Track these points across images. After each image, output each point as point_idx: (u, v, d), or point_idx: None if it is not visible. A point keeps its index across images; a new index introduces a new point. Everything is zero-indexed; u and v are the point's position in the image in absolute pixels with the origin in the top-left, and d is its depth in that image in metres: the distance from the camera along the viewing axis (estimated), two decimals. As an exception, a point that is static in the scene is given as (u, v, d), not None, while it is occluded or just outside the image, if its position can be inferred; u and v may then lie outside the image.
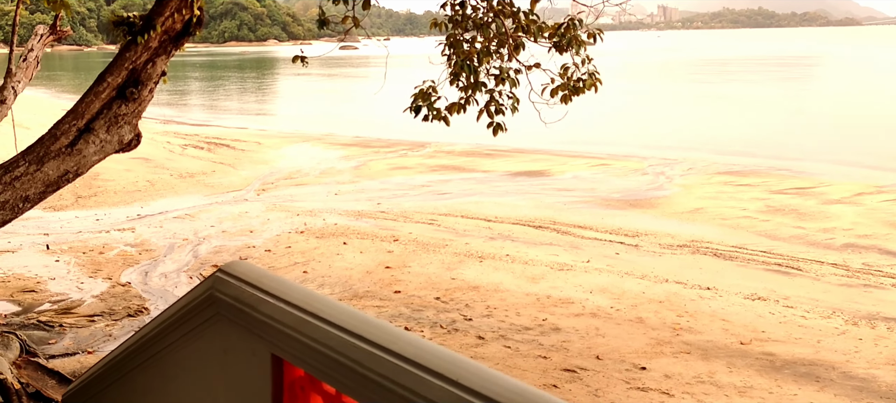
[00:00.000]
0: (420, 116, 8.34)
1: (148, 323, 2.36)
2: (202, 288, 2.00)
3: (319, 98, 49.82)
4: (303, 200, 16.21)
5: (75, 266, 10.88)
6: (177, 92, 52.48)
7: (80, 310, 8.81)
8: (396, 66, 72.76)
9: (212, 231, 13.32)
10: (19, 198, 7.78)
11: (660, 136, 28.29)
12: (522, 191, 17.79)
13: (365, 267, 11.07)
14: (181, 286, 10.13)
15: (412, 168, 20.89)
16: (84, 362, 7.25)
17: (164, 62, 8.15)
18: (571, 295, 9.94)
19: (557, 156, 23.16)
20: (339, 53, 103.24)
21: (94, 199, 15.76)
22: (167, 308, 2.28)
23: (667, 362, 7.66)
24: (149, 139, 24.35)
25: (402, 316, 8.92)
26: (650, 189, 18.37)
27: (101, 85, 7.90)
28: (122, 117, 8.01)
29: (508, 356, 7.71)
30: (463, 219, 14.54)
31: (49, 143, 7.92)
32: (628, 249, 12.60)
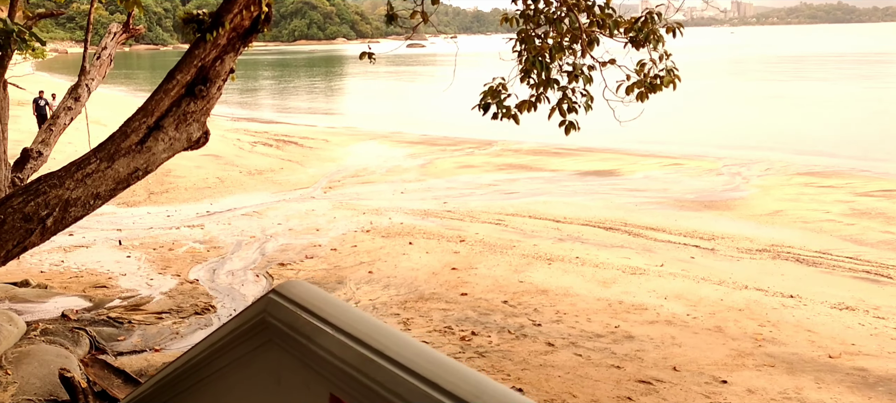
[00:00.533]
0: (489, 114, 8.05)
1: (198, 343, 2.17)
2: (254, 311, 1.79)
3: (387, 96, 50.06)
4: (369, 198, 16.14)
5: (145, 262, 11.02)
6: (247, 90, 53.51)
7: (149, 307, 8.86)
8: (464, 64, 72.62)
9: (279, 228, 13.34)
10: (90, 195, 7.84)
11: (734, 135, 27.31)
12: (592, 190, 17.33)
13: (431, 267, 10.87)
14: (247, 284, 10.13)
15: (479, 166, 20.64)
16: (151, 360, 7.25)
17: (232, 59, 8.09)
18: (645, 300, 9.53)
19: (628, 156, 22.56)
20: (406, 51, 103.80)
21: (166, 196, 16.03)
22: (218, 327, 2.09)
23: (749, 375, 7.20)
24: (219, 136, 24.80)
25: (468, 319, 8.68)
26: (726, 190, 17.67)
27: (171, 82, 7.89)
28: (190, 115, 7.98)
29: (579, 364, 7.37)
30: (531, 220, 14.21)
31: (119, 141, 7.96)
32: (704, 253, 12.06)
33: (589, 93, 7.87)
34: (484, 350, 7.71)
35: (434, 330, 8.32)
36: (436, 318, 8.70)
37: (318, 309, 1.54)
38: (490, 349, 7.76)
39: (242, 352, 1.87)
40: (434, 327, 8.40)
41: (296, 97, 48.86)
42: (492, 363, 7.38)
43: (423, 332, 8.25)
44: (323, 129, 30.02)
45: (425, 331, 8.28)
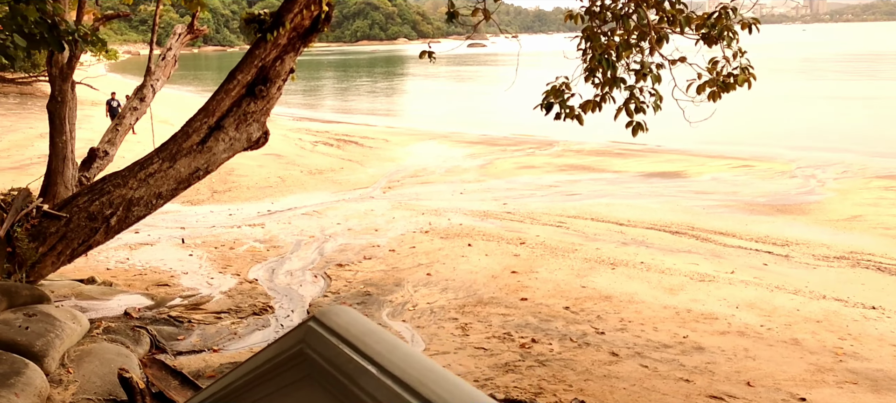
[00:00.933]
0: (552, 114, 7.79)
1: (237, 367, 2.01)
2: (292, 340, 1.61)
3: (447, 95, 49.99)
4: (428, 199, 16.01)
5: (206, 260, 11.10)
6: (309, 89, 54.18)
7: (209, 307, 8.88)
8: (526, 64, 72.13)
9: (338, 228, 13.31)
10: (153, 195, 7.89)
11: (805, 136, 26.27)
12: (657, 193, 16.83)
13: (490, 270, 10.65)
14: (306, 284, 10.08)
15: (539, 167, 20.31)
16: (209, 360, 7.22)
17: (292, 59, 8.04)
18: (715, 309, 9.11)
19: (694, 157, 21.91)
20: (466, 51, 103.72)
21: (229, 194, 16.21)
22: (257, 353, 1.92)
23: (830, 393, 6.76)
24: (281, 135, 25.05)
25: (529, 325, 8.42)
26: (800, 193, 16.94)
27: (232, 82, 7.88)
28: (251, 115, 7.96)
29: (645, 376, 7.05)
30: (593, 222, 13.84)
31: (181, 141, 8.00)
32: (777, 260, 11.52)
33: (658, 92, 7.54)
34: (545, 359, 7.45)
35: (493, 336, 8.09)
36: (495, 324, 8.47)
37: (363, 343, 1.35)
38: (551, 357, 7.50)
39: (279, 385, 1.70)
40: (493, 333, 8.18)
41: (357, 97, 49.25)
42: (553, 372, 7.11)
43: (482, 338, 8.04)
44: (383, 129, 30.09)
45: (484, 337, 8.06)
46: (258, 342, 7.91)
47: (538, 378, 6.95)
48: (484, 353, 7.60)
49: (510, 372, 7.10)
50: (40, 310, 6.45)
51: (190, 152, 7.82)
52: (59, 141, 8.16)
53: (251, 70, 7.67)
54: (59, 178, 8.15)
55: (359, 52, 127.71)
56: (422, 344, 7.86)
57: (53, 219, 7.38)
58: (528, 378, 6.97)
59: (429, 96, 49.76)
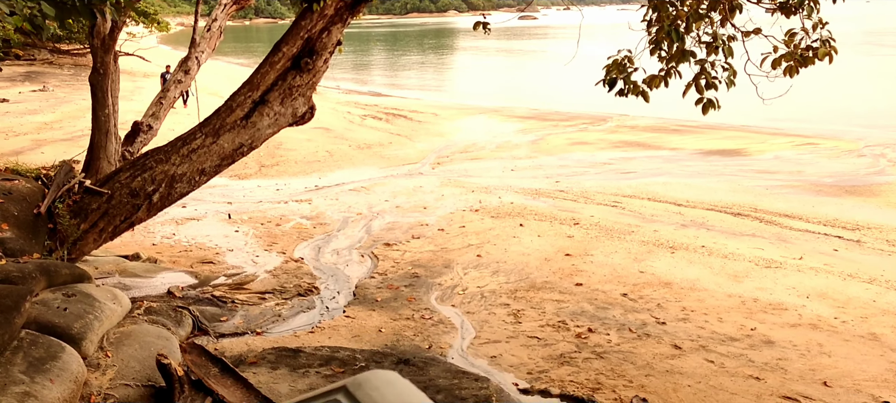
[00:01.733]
0: (615, 90, 7.28)
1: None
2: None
3: (497, 69, 49.27)
4: (478, 176, 15.59)
5: (253, 237, 10.90)
6: (359, 62, 53.99)
7: (253, 286, 8.66)
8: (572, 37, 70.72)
9: (385, 205, 13.01)
10: (196, 171, 7.65)
11: (871, 113, 24.98)
12: (716, 172, 16.12)
13: (543, 252, 10.22)
14: (352, 264, 9.80)
15: (593, 143, 19.69)
16: (251, 344, 6.98)
17: (339, 31, 7.67)
18: (783, 299, 8.54)
19: (755, 134, 21.01)
20: (517, 24, 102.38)
21: (276, 169, 16.04)
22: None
23: (917, 397, 6.21)
24: (330, 109, 24.85)
25: (585, 313, 7.99)
26: (869, 173, 16.05)
27: (277, 55, 7.56)
28: (296, 89, 7.64)
29: (712, 373, 6.58)
30: (650, 202, 13.27)
31: (225, 116, 7.72)
32: (848, 245, 10.84)
33: (732, 66, 6.96)
34: (602, 351, 7.03)
35: (547, 324, 7.69)
36: (549, 311, 8.06)
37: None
38: (609, 349, 7.06)
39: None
40: (547, 321, 7.77)
41: (406, 70, 48.86)
42: (611, 366, 6.69)
43: (535, 326, 7.64)
44: (432, 103, 29.67)
45: (537, 325, 7.66)
46: (302, 325, 7.65)
47: (596, 372, 6.53)
48: (537, 343, 7.20)
49: (566, 365, 6.69)
50: (80, 290, 6.26)
51: (234, 127, 7.55)
52: (102, 114, 7.97)
53: (297, 42, 7.34)
54: (102, 153, 7.97)
55: (408, 24, 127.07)
56: (472, 332, 7.50)
57: (95, 195, 7.19)
58: (585, 371, 6.56)
59: (479, 70, 49.10)
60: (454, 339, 7.32)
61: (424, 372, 6.41)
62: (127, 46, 27.16)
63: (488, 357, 6.90)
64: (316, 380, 5.99)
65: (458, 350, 7.07)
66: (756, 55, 7.08)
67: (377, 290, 8.75)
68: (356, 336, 7.34)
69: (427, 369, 6.47)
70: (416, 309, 8.14)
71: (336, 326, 7.60)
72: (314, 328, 7.56)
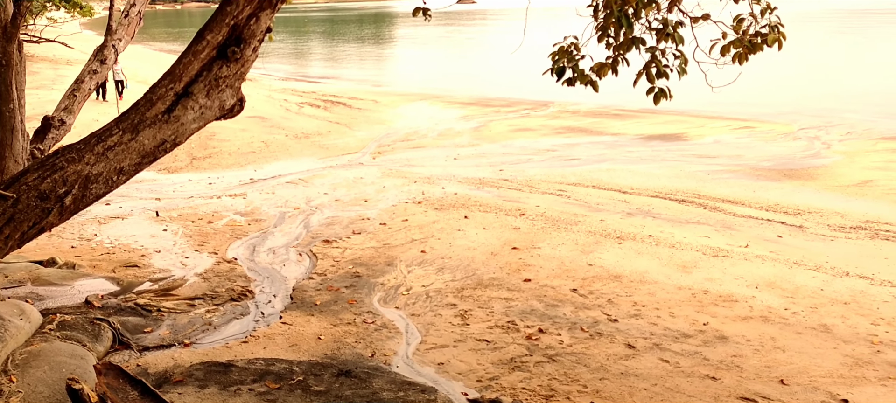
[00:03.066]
0: (563, 79, 6.94)
1: None
2: None
3: (437, 54, 48.77)
4: (420, 165, 15.17)
5: (182, 236, 10.27)
6: (295, 48, 52.80)
7: (181, 292, 8.08)
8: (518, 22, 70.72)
9: (325, 198, 12.48)
10: (113, 171, 7.01)
11: (804, 95, 25.44)
12: (658, 157, 16.07)
13: (489, 246, 9.88)
14: (290, 263, 9.29)
15: (535, 130, 19.46)
16: (178, 358, 6.46)
17: (269, 17, 7.10)
18: (733, 290, 8.40)
19: (694, 118, 21.08)
20: (456, 8, 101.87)
21: (209, 161, 15.31)
22: None
23: (874, 392, 6.08)
24: (265, 97, 24.05)
25: (534, 312, 7.68)
26: (806, 156, 16.24)
27: (200, 43, 6.95)
28: (223, 80, 7.04)
29: (667, 374, 6.34)
30: (595, 190, 13.08)
31: (144, 110, 7.09)
32: (792, 231, 10.83)
33: (683, 54, 6.69)
34: (554, 353, 6.72)
35: (496, 325, 7.35)
36: (497, 310, 7.72)
37: None
38: (561, 351, 6.77)
39: None
40: (496, 321, 7.43)
41: (345, 56, 47.96)
42: (564, 370, 6.39)
43: (484, 328, 7.29)
44: (372, 89, 29.06)
45: (486, 327, 7.32)
46: (235, 334, 7.14)
47: (548, 378, 6.22)
48: (487, 346, 6.85)
49: (517, 370, 6.37)
50: (-20, 308, 5.63)
51: (155, 122, 6.91)
52: (6, 109, 7.26)
53: (222, 29, 6.72)
54: (8, 151, 7.27)
55: (345, 9, 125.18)
56: (418, 336, 7.11)
57: (0, 200, 6.51)
58: (538, 376, 6.24)
59: (418, 55, 48.53)
60: (399, 345, 6.92)
61: (367, 384, 6.00)
62: (48, 32, 25.74)
63: (435, 365, 6.53)
64: (249, 399, 5.51)
65: (404, 358, 6.68)
66: (705, 42, 6.85)
67: (316, 292, 8.27)
68: (293, 345, 6.87)
69: (370, 381, 6.06)
70: (357, 312, 7.70)
71: (272, 334, 7.11)
72: (248, 337, 7.07)
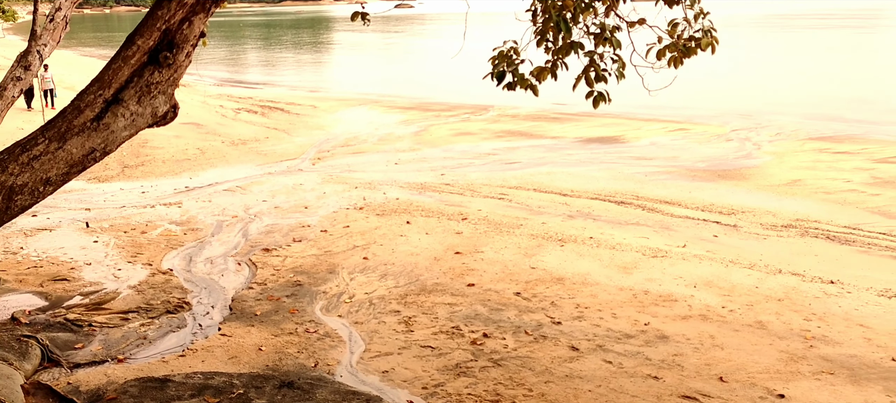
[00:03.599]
0: (503, 84, 6.96)
1: None
2: None
3: (376, 59, 48.57)
4: (361, 170, 15.03)
5: (114, 248, 9.92)
6: (232, 53, 51.89)
7: (114, 305, 7.80)
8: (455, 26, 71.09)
9: (264, 206, 12.25)
10: (39, 181, 6.73)
11: (736, 98, 26.21)
12: (597, 159, 16.30)
13: (432, 251, 9.83)
14: (228, 274, 9.06)
15: (476, 134, 19.52)
16: (111, 374, 6.21)
17: (202, 21, 6.92)
18: (672, 289, 8.55)
19: (630, 120, 21.46)
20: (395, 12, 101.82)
21: (142, 169, 14.86)
22: None
23: (808, 387, 6.25)
24: (200, 102, 23.52)
25: (479, 316, 7.66)
26: (738, 157, 16.69)
27: (130, 48, 6.72)
28: (155, 86, 6.84)
29: (611, 375, 6.39)
30: (536, 193, 13.17)
31: (72, 117, 6.83)
32: (727, 230, 11.09)
33: (621, 58, 6.78)
34: (499, 357, 6.71)
35: (440, 331, 7.30)
36: (441, 316, 7.68)
37: None
38: (506, 355, 6.76)
39: None
40: (440, 328, 7.38)
41: (282, 60, 47.32)
42: (510, 374, 6.38)
43: (428, 334, 7.24)
44: (310, 95, 28.72)
45: (430, 333, 7.26)
46: (172, 347, 6.91)
47: (494, 382, 6.20)
48: (431, 353, 6.80)
49: (462, 376, 6.33)
50: None
51: (83, 130, 6.67)
52: (-78, 119, 6.88)
53: (153, 34, 6.54)
54: (-76, 164, 6.87)
55: (282, 13, 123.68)
56: (361, 345, 7.01)
57: (-85, 214, 6.16)
58: (483, 382, 6.22)
59: (357, 59, 48.23)
60: (342, 354, 6.81)
61: (310, 396, 5.88)
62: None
63: (380, 373, 6.44)
64: (187, 416, 5.34)
65: (347, 367, 6.57)
66: (641, 46, 6.96)
67: (256, 302, 8.08)
68: (233, 357, 6.69)
69: (313, 392, 5.94)
70: (299, 321, 7.55)
71: (210, 347, 6.91)
72: (185, 350, 6.85)
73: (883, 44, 48.92)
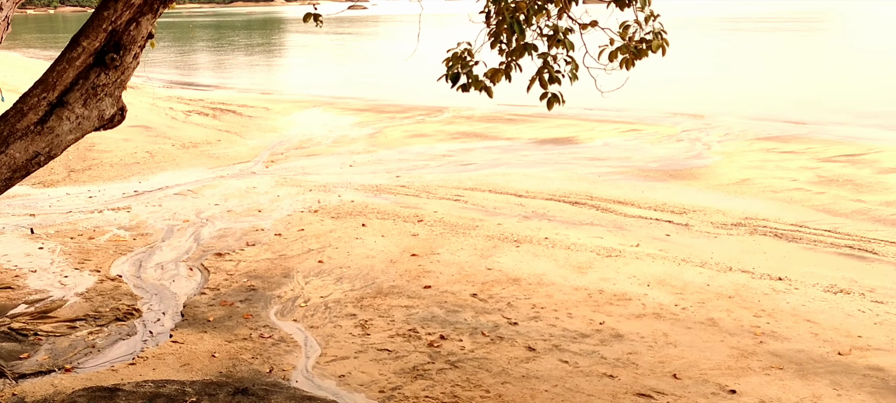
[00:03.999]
0: (457, 85, 6.96)
1: None
2: None
3: (329, 60, 48.25)
4: (315, 173, 14.90)
5: (60, 254, 9.65)
6: (182, 54, 51.03)
7: (61, 313, 7.58)
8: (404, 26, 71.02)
9: (216, 210, 12.05)
10: (-19, 187, 6.54)
11: (686, 99, 26.72)
12: (551, 160, 16.43)
13: (388, 254, 9.79)
14: (180, 279, 8.89)
15: (431, 135, 19.52)
16: (59, 384, 6.04)
17: (150, 22, 6.79)
18: (626, 288, 8.66)
19: (584, 121, 21.70)
20: (347, 14, 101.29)
21: (89, 173, 14.50)
22: None
23: (758, 382, 6.38)
24: (149, 105, 23.05)
25: (435, 318, 7.65)
26: (689, 157, 17.00)
27: (75, 50, 6.56)
28: (101, 88, 6.68)
29: (567, 374, 6.44)
30: (491, 194, 13.22)
31: (14, 121, 6.63)
32: (679, 229, 11.28)
33: (574, 60, 6.84)
34: (456, 359, 6.71)
35: (397, 334, 7.27)
36: (398, 318, 7.65)
37: None
38: (463, 357, 6.76)
39: None
40: (397, 330, 7.35)
41: (234, 62, 46.68)
42: (467, 375, 6.38)
43: (385, 337, 7.20)
44: (263, 96, 28.38)
45: (387, 336, 7.23)
46: (121, 356, 6.75)
47: (451, 384, 6.20)
48: (388, 356, 6.76)
49: (420, 378, 6.31)
50: None
51: (26, 134, 6.48)
52: None
53: (99, 35, 6.39)
54: None
55: (233, 14, 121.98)
56: (317, 349, 6.94)
57: None
58: (440, 384, 6.21)
59: (310, 61, 47.85)
60: (298, 359, 6.73)
61: (265, 402, 5.79)
62: None
63: (336, 377, 6.38)
64: (138, 426, 5.21)
65: (303, 372, 6.50)
66: (594, 48, 7.03)
67: (209, 308, 7.94)
68: (185, 364, 6.56)
69: (268, 397, 5.86)
70: (253, 327, 7.44)
71: (162, 355, 6.77)
72: (135, 358, 6.70)
73: (825, 46, 50.40)
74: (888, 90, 28.50)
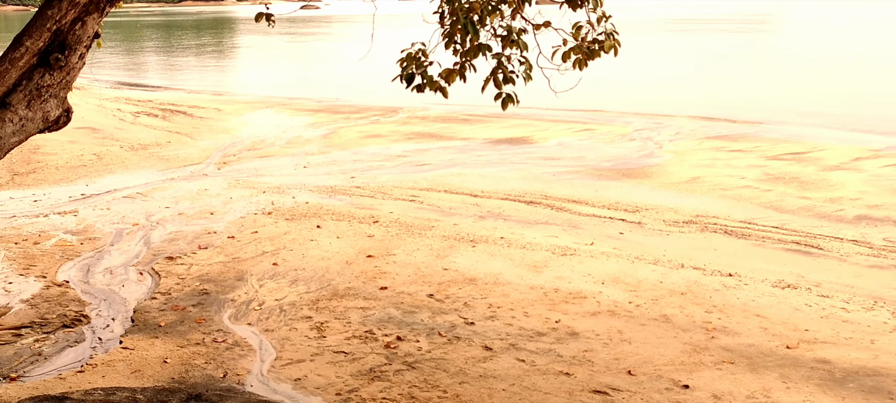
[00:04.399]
0: (412, 86, 6.95)
1: None
2: None
3: (281, 60, 47.73)
4: (269, 174, 14.73)
5: (4, 260, 9.36)
6: (130, 54, 49.96)
7: (5, 321, 7.35)
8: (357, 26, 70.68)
9: (166, 213, 11.82)
10: (-82, 192, 6.31)
11: (638, 99, 27.13)
12: (506, 160, 16.51)
13: (343, 255, 9.73)
14: (129, 284, 8.70)
15: (386, 136, 19.45)
16: (4, 394, 5.85)
17: (96, 22, 6.62)
18: (582, 286, 8.75)
19: (538, 121, 21.85)
20: (300, 14, 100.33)
21: (33, 176, 14.09)
22: None
23: (711, 376, 6.51)
24: (97, 106, 22.54)
25: (392, 320, 7.62)
26: (641, 156, 17.25)
27: (18, 50, 6.36)
28: (46, 89, 6.49)
29: (524, 373, 6.48)
30: (447, 195, 13.23)
31: (-47, 123, 6.42)
32: (632, 227, 11.44)
33: (528, 61, 6.88)
34: (413, 360, 6.69)
35: (353, 335, 7.22)
36: (354, 320, 7.60)
37: None
38: (420, 357, 6.75)
39: None
40: (353, 332, 7.30)
41: (184, 62, 45.87)
42: (424, 376, 6.37)
43: (341, 339, 7.15)
44: (214, 97, 27.94)
45: (343, 338, 7.18)
46: (69, 363, 6.58)
47: (409, 385, 6.18)
48: (345, 358, 6.72)
49: (377, 380, 6.28)
50: None
51: (-33, 137, 6.27)
52: None
53: (43, 34, 6.20)
54: None
55: (182, 13, 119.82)
56: (272, 352, 6.85)
57: None
58: (398, 385, 6.19)
59: (262, 61, 47.28)
60: (252, 363, 6.64)
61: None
62: None
63: (292, 381, 6.32)
64: (87, 436, 5.08)
65: (258, 376, 6.41)
66: (547, 48, 7.08)
67: (160, 313, 7.78)
68: (136, 371, 6.42)
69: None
70: (206, 331, 7.32)
71: (111, 361, 6.61)
72: (84, 366, 6.53)
73: (772, 46, 51.66)
74: (831, 90, 29.33)
